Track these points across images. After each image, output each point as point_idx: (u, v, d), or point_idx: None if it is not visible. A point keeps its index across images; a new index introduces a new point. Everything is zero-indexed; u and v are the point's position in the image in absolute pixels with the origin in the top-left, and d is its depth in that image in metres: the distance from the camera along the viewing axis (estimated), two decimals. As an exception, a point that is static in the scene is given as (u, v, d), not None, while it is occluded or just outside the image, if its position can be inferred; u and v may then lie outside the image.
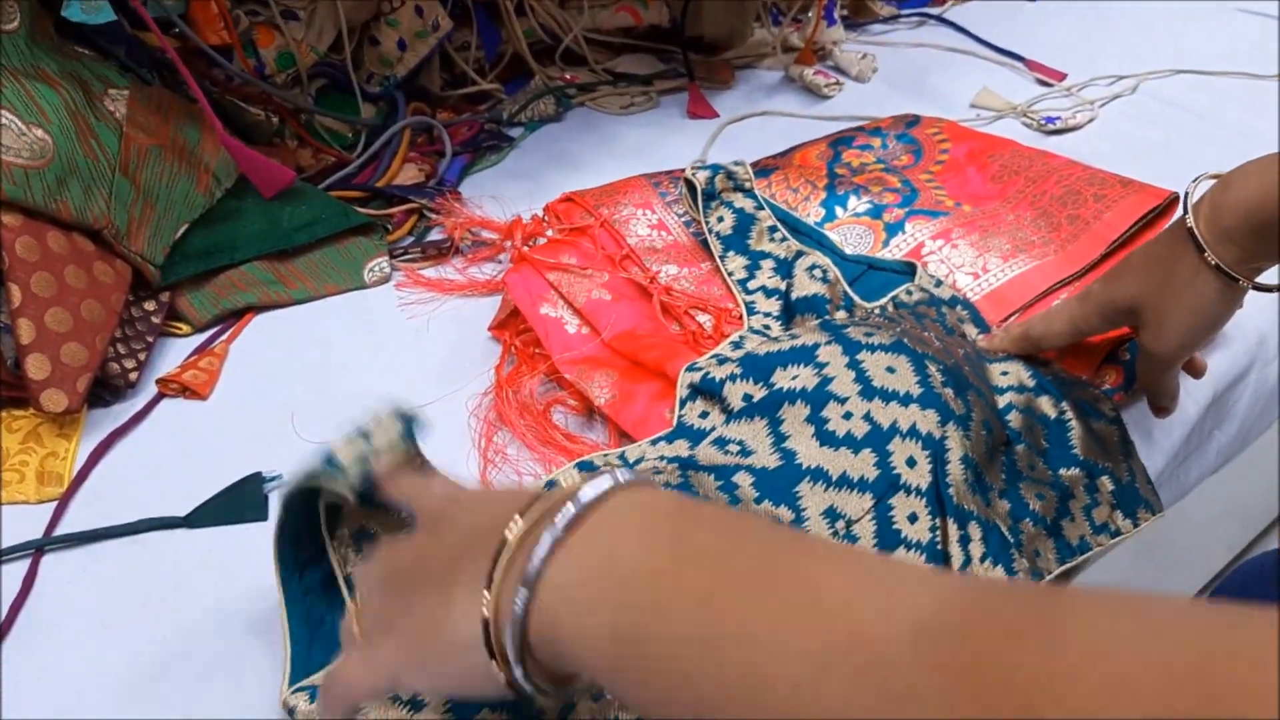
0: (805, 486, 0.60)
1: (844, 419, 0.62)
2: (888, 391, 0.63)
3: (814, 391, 0.63)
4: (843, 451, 0.61)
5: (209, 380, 0.76)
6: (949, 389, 0.65)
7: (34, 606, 0.62)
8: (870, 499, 0.60)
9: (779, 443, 0.62)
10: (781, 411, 0.64)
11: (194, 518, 0.67)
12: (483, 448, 0.72)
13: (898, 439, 0.62)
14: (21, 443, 0.70)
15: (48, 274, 0.70)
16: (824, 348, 0.66)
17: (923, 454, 0.62)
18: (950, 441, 0.62)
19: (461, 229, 0.90)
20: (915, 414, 0.62)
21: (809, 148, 1.00)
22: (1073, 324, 0.72)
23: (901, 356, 0.65)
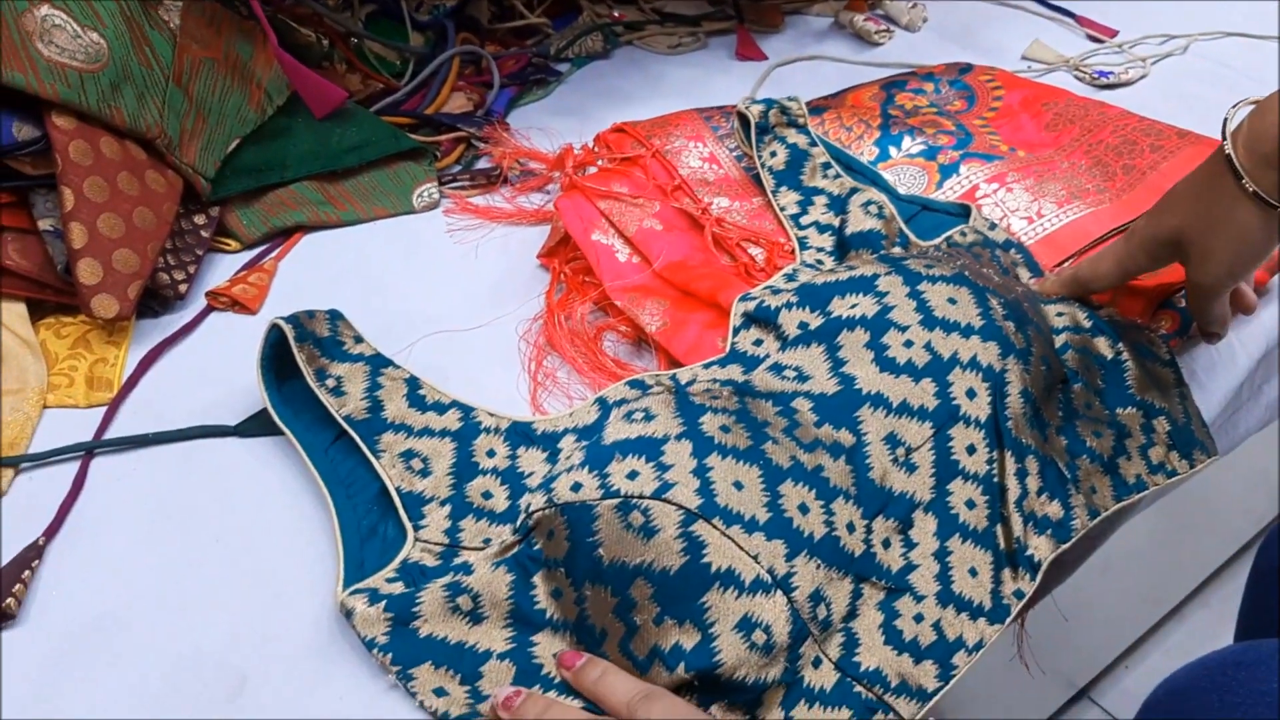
0: (865, 411, 0.59)
1: (905, 347, 0.61)
2: (949, 322, 0.62)
3: (874, 319, 0.63)
4: (903, 379, 0.60)
5: (258, 295, 0.76)
6: (1010, 323, 0.64)
7: (83, 508, 0.62)
8: (930, 428, 0.60)
9: (837, 368, 0.62)
10: (840, 338, 0.63)
11: (244, 427, 0.66)
12: (532, 371, 0.72)
13: (958, 370, 0.61)
14: (70, 348, 0.70)
15: (100, 179, 0.70)
16: (884, 278, 0.65)
17: (983, 386, 0.61)
18: (1010, 375, 0.62)
19: (510, 158, 0.89)
20: (976, 346, 0.62)
21: (861, 89, 0.99)
22: (1119, 264, 0.71)
23: (963, 289, 0.64)
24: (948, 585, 0.57)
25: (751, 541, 0.51)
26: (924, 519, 0.59)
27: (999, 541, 0.59)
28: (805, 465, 0.55)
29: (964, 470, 0.60)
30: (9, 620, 0.56)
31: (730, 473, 0.53)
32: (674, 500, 0.51)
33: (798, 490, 0.54)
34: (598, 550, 0.52)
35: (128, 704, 0.53)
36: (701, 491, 0.52)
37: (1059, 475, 0.63)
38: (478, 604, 0.54)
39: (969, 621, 0.57)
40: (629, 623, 0.52)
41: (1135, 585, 1.34)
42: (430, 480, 0.60)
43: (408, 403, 0.63)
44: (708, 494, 0.52)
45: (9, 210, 0.70)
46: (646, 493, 0.52)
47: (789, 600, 0.51)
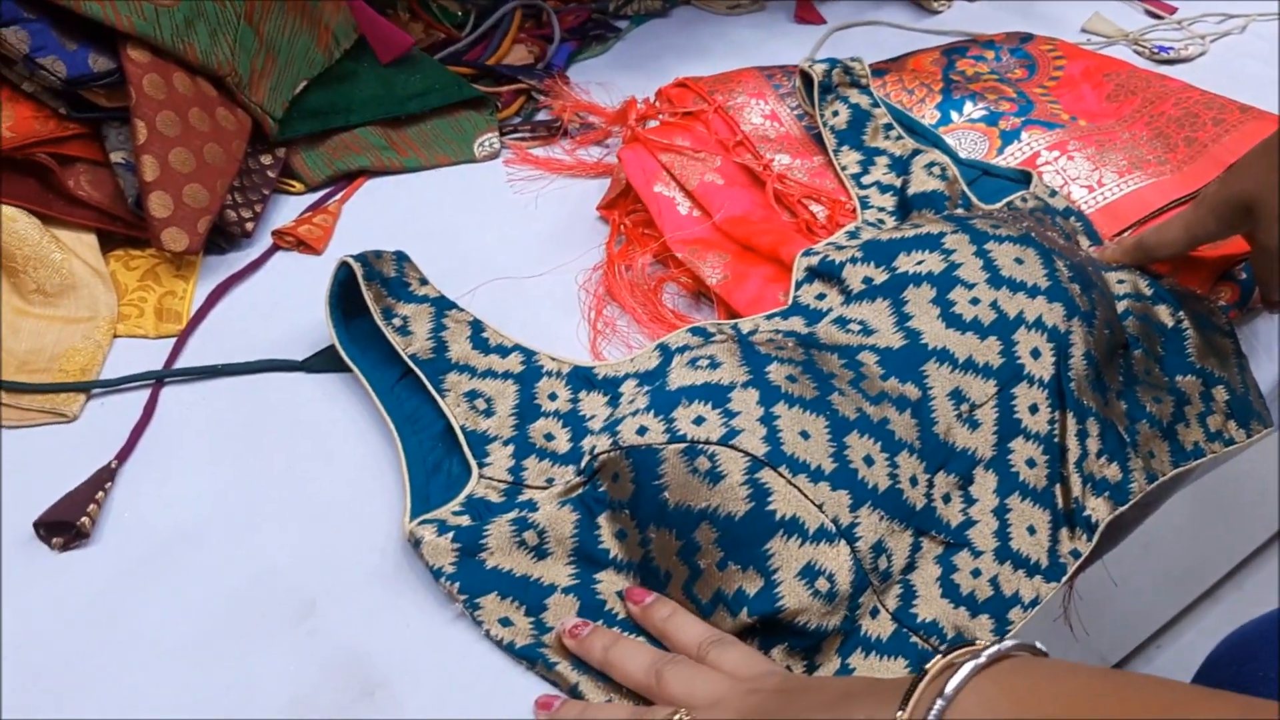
0: (931, 366, 0.59)
1: (971, 304, 0.61)
2: (1015, 281, 0.62)
3: (941, 275, 0.63)
4: (969, 335, 0.60)
5: (323, 236, 0.76)
6: (1075, 285, 0.64)
7: (154, 434, 0.63)
8: (994, 386, 0.60)
9: (902, 322, 0.62)
10: (905, 293, 0.63)
11: (311, 363, 0.67)
12: (593, 320, 0.72)
13: (1023, 329, 0.61)
14: (140, 280, 0.71)
15: (173, 114, 0.70)
16: (950, 236, 0.65)
17: (1047, 346, 0.61)
18: (1074, 336, 0.62)
19: (570, 111, 0.90)
20: (1042, 306, 0.62)
21: (922, 54, 0.98)
22: (1187, 230, 0.71)
23: (1030, 249, 0.64)
24: (1006, 542, 0.58)
25: (817, 491, 0.52)
26: (984, 476, 0.59)
27: (1057, 501, 0.60)
28: (871, 417, 0.56)
29: (1026, 429, 0.60)
30: (83, 539, 0.57)
31: (797, 422, 0.53)
32: (740, 447, 0.52)
33: (863, 442, 0.54)
34: (663, 494, 0.53)
35: (198, 621, 0.54)
36: (768, 439, 0.52)
37: (1119, 438, 0.63)
38: (543, 540, 0.55)
39: (1025, 578, 0.57)
40: (693, 566, 0.52)
41: (1171, 565, 1.34)
42: (494, 420, 0.61)
43: (471, 344, 0.64)
44: (774, 442, 0.52)
45: (82, 141, 0.71)
46: (713, 438, 0.52)
47: (852, 550, 0.52)
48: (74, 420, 0.63)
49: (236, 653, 0.52)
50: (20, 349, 0.66)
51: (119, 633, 0.53)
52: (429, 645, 0.53)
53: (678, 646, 0.52)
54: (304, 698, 0.51)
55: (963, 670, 0.40)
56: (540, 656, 0.52)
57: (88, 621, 0.53)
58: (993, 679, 0.40)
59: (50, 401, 0.63)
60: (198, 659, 0.52)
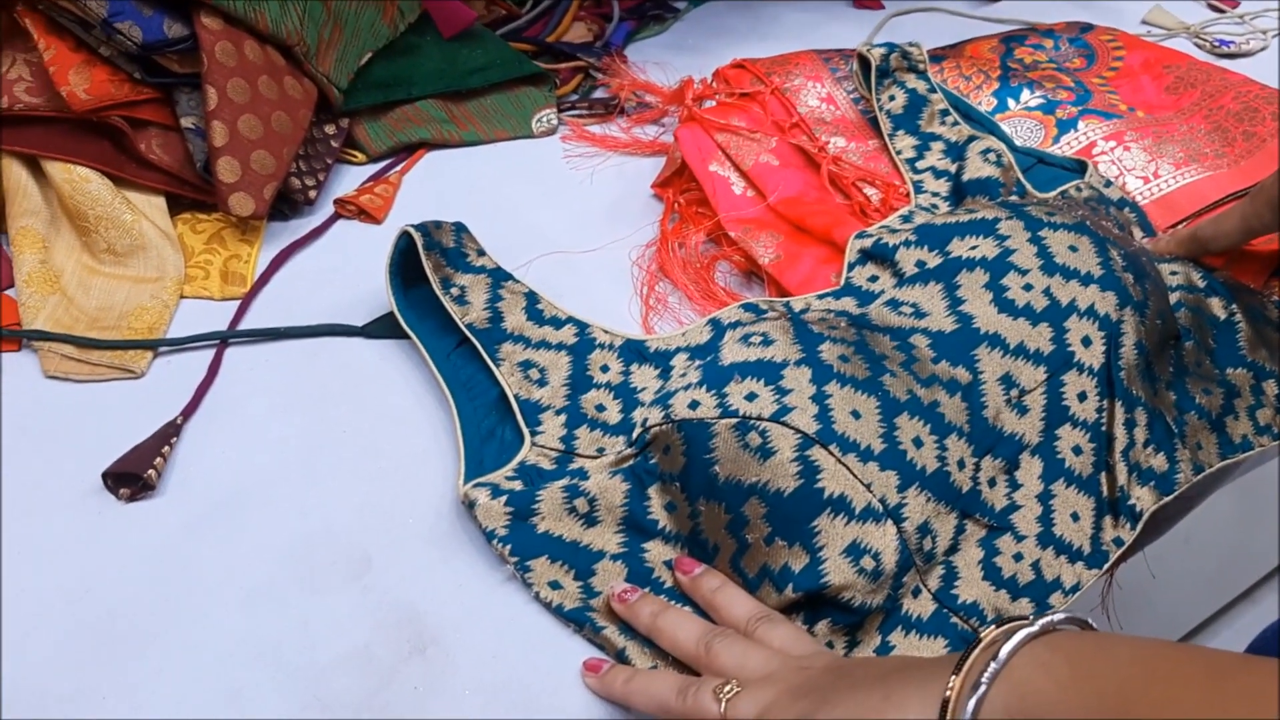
0: (983, 350, 0.60)
1: (1024, 290, 0.62)
2: (1069, 269, 0.63)
3: (994, 261, 0.63)
4: (1021, 321, 0.61)
5: (384, 205, 0.78)
6: (1129, 274, 0.64)
7: (218, 392, 0.65)
8: (1044, 372, 0.60)
9: (955, 306, 0.62)
10: (959, 277, 0.63)
11: (370, 329, 0.69)
12: (645, 295, 0.73)
13: (1075, 317, 0.61)
14: (206, 243, 0.73)
15: (243, 81, 0.72)
16: (1005, 221, 0.66)
17: (1098, 334, 0.61)
18: (1126, 326, 0.62)
19: (627, 90, 0.91)
20: (1095, 294, 0.62)
21: (980, 41, 0.98)
22: (1244, 221, 0.70)
23: (1084, 237, 0.65)
24: (1049, 527, 0.58)
25: (866, 470, 0.52)
26: (1030, 461, 0.59)
27: (1102, 489, 0.60)
28: (921, 400, 0.56)
29: (1073, 416, 0.60)
30: (150, 491, 0.58)
31: (848, 401, 0.54)
32: (792, 424, 0.53)
33: (913, 424, 0.55)
34: (714, 467, 0.54)
35: (257, 573, 0.55)
36: (820, 418, 0.53)
37: (1166, 429, 0.63)
38: (594, 508, 0.56)
39: (1067, 564, 0.58)
40: (741, 540, 0.53)
41: (1211, 563, 1.33)
42: (547, 390, 0.62)
43: (526, 315, 0.65)
44: (825, 420, 0.53)
45: (154, 106, 0.72)
46: (765, 415, 0.53)
47: (899, 530, 0.53)
48: (141, 377, 0.65)
49: (294, 605, 0.54)
50: (91, 306, 0.68)
51: (181, 582, 0.55)
52: (480, 605, 0.54)
53: (726, 620, 0.52)
54: (359, 651, 0.52)
55: (1016, 637, 0.41)
56: (588, 620, 0.53)
57: (152, 571, 0.55)
58: (1047, 645, 0.41)
59: (119, 358, 0.65)
60: (256, 610, 0.54)
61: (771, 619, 0.51)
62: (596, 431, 0.61)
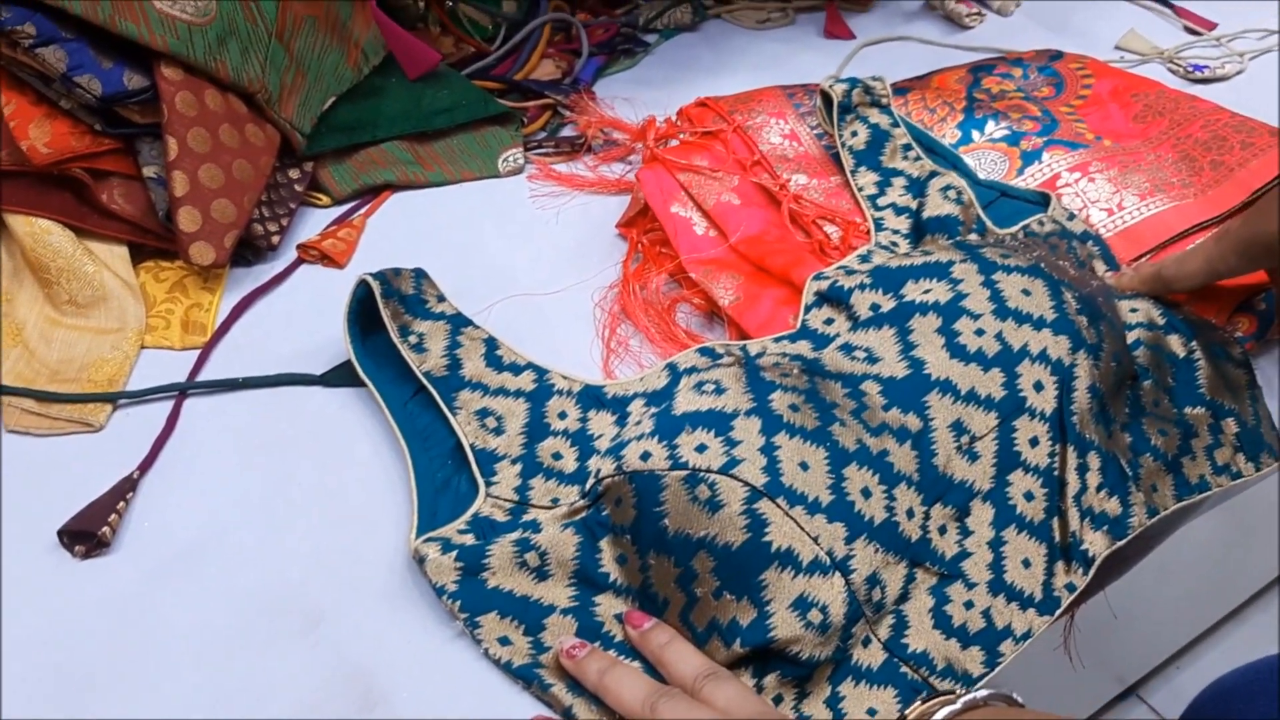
0: (934, 397, 0.60)
1: (976, 335, 0.62)
2: (1021, 313, 0.63)
3: (947, 305, 0.63)
4: (973, 367, 0.61)
5: (347, 250, 0.78)
6: (1083, 317, 0.64)
7: (175, 444, 0.65)
8: (995, 418, 0.60)
9: (907, 351, 0.62)
10: (912, 322, 0.64)
11: (329, 377, 0.69)
12: (606, 338, 0.74)
13: (1027, 362, 0.61)
14: (168, 292, 0.73)
15: (203, 130, 0.72)
16: (959, 265, 0.66)
17: (1050, 379, 0.61)
18: (1079, 369, 0.62)
19: (594, 127, 0.91)
20: (1047, 338, 0.62)
21: (948, 72, 0.98)
22: (1209, 264, 0.70)
23: (1038, 280, 0.65)
24: (1000, 574, 0.58)
25: (813, 523, 0.53)
26: (981, 508, 0.60)
27: (1054, 534, 0.60)
28: (871, 449, 0.56)
29: (1025, 462, 0.61)
30: (104, 547, 0.59)
31: (797, 453, 0.54)
32: (740, 476, 0.53)
33: (862, 474, 0.55)
34: (664, 520, 0.54)
35: (210, 629, 0.56)
36: (768, 470, 0.53)
37: (1120, 472, 0.63)
38: (544, 561, 0.56)
39: (1019, 611, 0.58)
40: (690, 594, 0.54)
41: (1194, 585, 1.33)
42: (503, 439, 0.62)
43: (485, 362, 0.65)
44: (774, 472, 0.53)
45: (116, 156, 0.73)
46: (714, 467, 0.53)
47: (846, 582, 0.53)
48: (100, 430, 0.66)
49: (246, 661, 0.54)
50: (53, 358, 0.68)
51: (134, 639, 0.55)
52: (430, 662, 0.55)
53: (673, 678, 0.53)
54: (309, 708, 0.53)
55: (939, 715, 0.41)
56: (536, 677, 0.53)
57: (105, 627, 0.56)
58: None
59: (79, 411, 0.65)
60: (207, 667, 0.54)
61: (718, 677, 0.51)
62: (551, 481, 0.61)
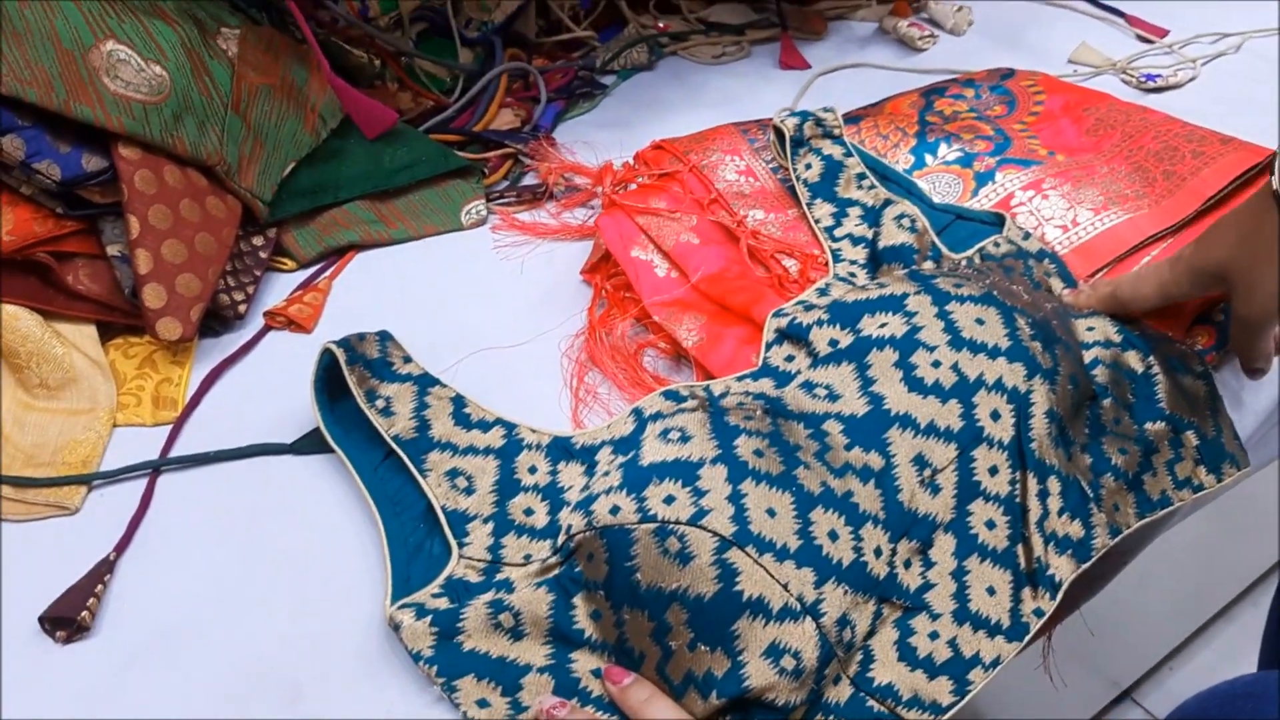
0: (895, 433, 0.61)
1: (933, 367, 0.63)
2: (976, 343, 0.64)
3: (902, 339, 0.64)
4: (930, 399, 0.62)
5: (313, 314, 0.79)
6: (1037, 343, 0.65)
7: (151, 523, 0.66)
8: (955, 449, 0.61)
9: (866, 386, 0.63)
10: (870, 357, 0.64)
11: (299, 445, 0.70)
12: (574, 387, 0.74)
13: (983, 391, 0.62)
14: (138, 368, 0.74)
15: (164, 207, 0.73)
16: (913, 297, 0.67)
17: (1007, 407, 0.62)
18: (1035, 395, 0.63)
19: (555, 174, 0.92)
20: (1002, 367, 0.63)
21: (901, 98, 1.00)
22: (1161, 288, 0.72)
23: (991, 308, 0.66)
24: (964, 604, 0.59)
25: (782, 569, 0.53)
26: (943, 539, 0.60)
27: (1019, 561, 0.61)
28: (835, 491, 0.57)
29: (985, 491, 0.61)
30: (84, 632, 0.59)
31: (764, 500, 0.55)
32: (709, 527, 0.54)
33: (828, 517, 0.56)
34: (635, 574, 0.54)
35: (191, 709, 0.56)
36: (736, 519, 0.54)
37: (1081, 494, 0.64)
38: (519, 621, 0.57)
39: (986, 639, 0.59)
40: (665, 647, 0.54)
41: (1183, 586, 1.34)
42: (474, 498, 0.63)
43: (453, 421, 0.66)
44: (742, 521, 0.54)
45: (79, 237, 0.74)
46: (683, 518, 0.54)
47: (817, 626, 0.53)
48: (76, 512, 0.66)
49: (228, 739, 0.55)
50: (26, 443, 0.69)
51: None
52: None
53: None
54: (291, 782, 0.53)
55: None
56: None
57: (88, 710, 0.56)
58: None
59: (54, 495, 0.66)
60: (191, 746, 0.55)
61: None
62: (524, 538, 0.62)
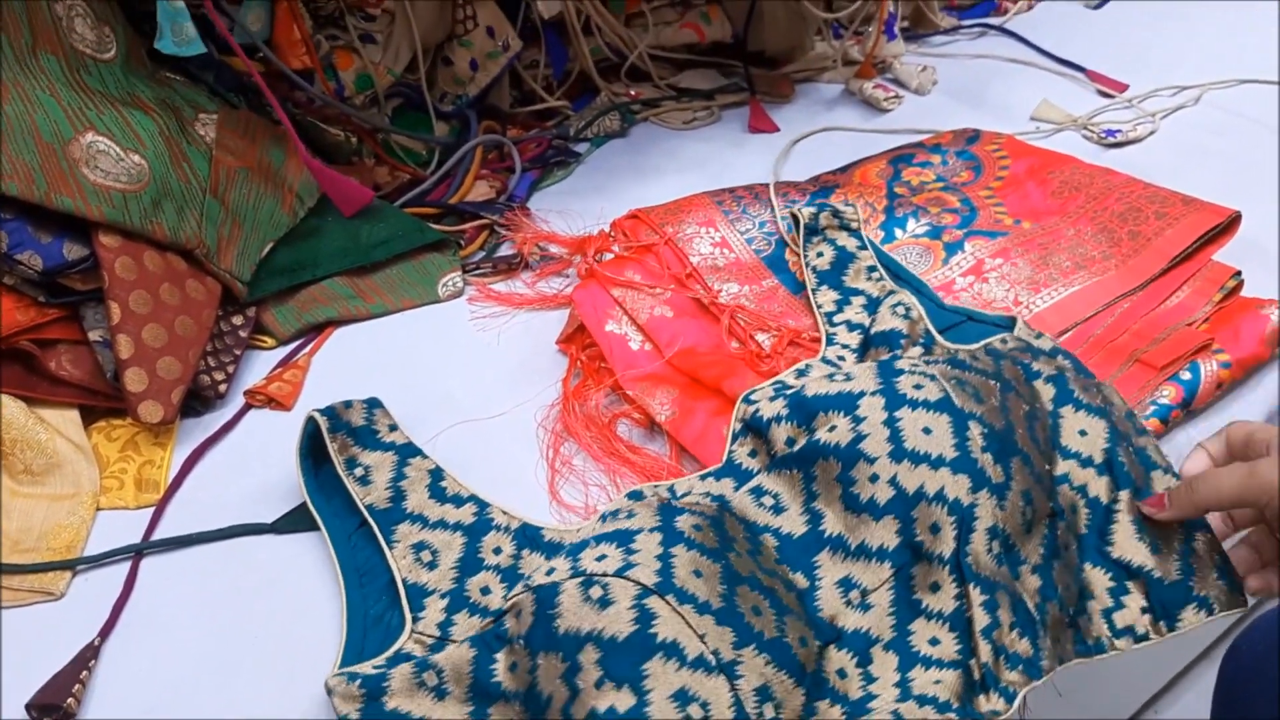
0: (825, 556, 0.62)
1: (870, 481, 0.62)
2: (918, 454, 0.62)
3: (845, 449, 0.64)
4: (864, 518, 0.62)
5: (293, 392, 0.80)
6: (989, 454, 0.63)
7: (135, 606, 0.66)
8: (889, 568, 0.61)
9: (809, 502, 0.64)
10: (815, 467, 0.65)
11: (280, 524, 0.71)
12: (550, 458, 0.76)
13: (924, 504, 0.61)
14: (121, 451, 0.75)
15: (144, 292, 0.75)
16: (867, 398, 0.66)
17: (948, 519, 0.61)
18: (980, 510, 0.61)
19: (530, 244, 0.94)
20: (945, 478, 0.62)
21: (869, 165, 1.02)
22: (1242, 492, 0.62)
23: (942, 416, 0.64)
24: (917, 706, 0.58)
25: (701, 621, 0.54)
26: (884, 655, 0.60)
27: (973, 672, 0.59)
28: (762, 581, 0.58)
29: (927, 609, 0.61)
30: (70, 718, 0.60)
31: (692, 562, 0.56)
32: (632, 578, 0.55)
33: (753, 595, 0.57)
34: (556, 620, 0.55)
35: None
36: (661, 572, 0.55)
37: (1028, 614, 0.62)
38: (442, 680, 0.57)
39: None
40: (572, 687, 0.54)
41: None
42: (436, 573, 0.64)
43: (429, 493, 0.68)
44: (666, 575, 0.55)
45: (61, 324, 0.75)
46: (609, 571, 0.55)
47: (732, 687, 0.53)
48: (61, 597, 0.67)
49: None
50: (12, 529, 0.70)
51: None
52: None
53: None
54: None
55: None
56: None
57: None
58: None
59: (39, 580, 0.67)
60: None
61: None
62: (475, 617, 0.62)
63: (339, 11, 1.01)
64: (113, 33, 0.81)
